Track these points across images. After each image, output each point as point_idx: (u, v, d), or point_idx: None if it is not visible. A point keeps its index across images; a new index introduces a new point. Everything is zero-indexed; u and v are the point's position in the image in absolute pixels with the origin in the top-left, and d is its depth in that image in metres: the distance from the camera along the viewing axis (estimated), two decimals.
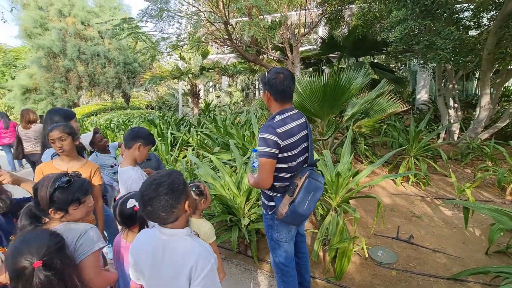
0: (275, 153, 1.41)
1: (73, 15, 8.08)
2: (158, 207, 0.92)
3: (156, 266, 0.97)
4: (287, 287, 1.69)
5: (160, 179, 0.94)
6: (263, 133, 1.41)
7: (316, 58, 8.95)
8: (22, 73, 8.14)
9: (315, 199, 1.48)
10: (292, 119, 1.49)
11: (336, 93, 3.72)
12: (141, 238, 1.05)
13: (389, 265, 2.44)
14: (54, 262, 0.94)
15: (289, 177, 1.51)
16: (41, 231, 1.03)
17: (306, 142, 1.56)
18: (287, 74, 1.47)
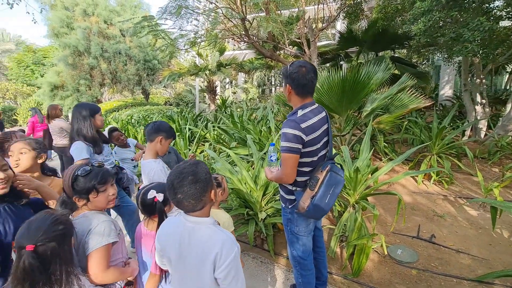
0: (299, 148, 1.41)
1: (97, 15, 8.41)
2: (188, 195, 0.96)
3: (183, 253, 1.01)
4: (305, 280, 1.70)
5: (189, 168, 0.98)
6: (286, 128, 1.41)
7: (334, 53, 8.76)
8: (50, 71, 8.60)
9: (336, 193, 1.47)
10: (314, 114, 1.48)
11: (355, 88, 3.64)
12: (167, 226, 1.09)
13: (409, 264, 2.38)
14: (45, 250, 0.92)
15: (310, 171, 1.51)
16: (45, 216, 1.00)
17: (327, 136, 1.56)
18: (310, 67, 1.46)
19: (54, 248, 0.94)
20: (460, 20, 3.97)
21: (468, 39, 3.70)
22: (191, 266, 1.00)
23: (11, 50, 28.04)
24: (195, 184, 0.96)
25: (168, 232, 1.06)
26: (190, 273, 1.01)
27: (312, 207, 1.42)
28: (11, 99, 19.12)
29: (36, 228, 0.94)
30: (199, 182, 0.97)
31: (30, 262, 0.90)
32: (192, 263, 1.00)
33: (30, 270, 0.90)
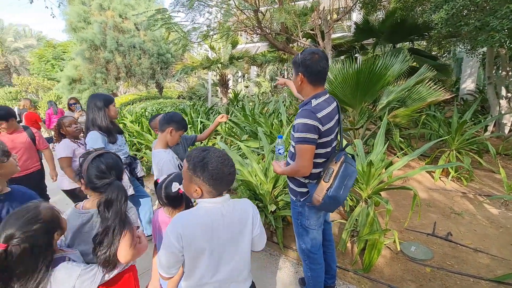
0: (315, 139, 1.37)
1: (112, 9, 8.55)
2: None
3: (215, 234, 1.01)
4: (314, 274, 1.68)
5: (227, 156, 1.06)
6: (302, 118, 1.37)
7: (349, 45, 8.51)
8: (69, 65, 8.87)
9: (350, 185, 1.44)
10: (328, 103, 1.44)
11: (370, 81, 3.52)
12: (193, 217, 1.03)
13: (423, 261, 2.31)
14: (17, 250, 0.88)
15: (323, 162, 1.47)
16: (22, 212, 0.94)
17: (338, 126, 1.51)
18: (322, 54, 1.41)
19: (26, 249, 0.89)
20: (486, 8, 3.73)
21: (495, 28, 3.47)
22: (230, 241, 1.05)
23: (32, 46, 29.13)
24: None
25: (197, 222, 1.01)
26: (229, 250, 1.05)
27: (327, 199, 1.38)
28: (33, 93, 19.93)
29: (10, 225, 0.89)
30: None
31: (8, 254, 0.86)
32: (230, 236, 1.05)
33: (18, 259, 0.87)
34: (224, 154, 1.04)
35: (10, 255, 0.87)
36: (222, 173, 0.99)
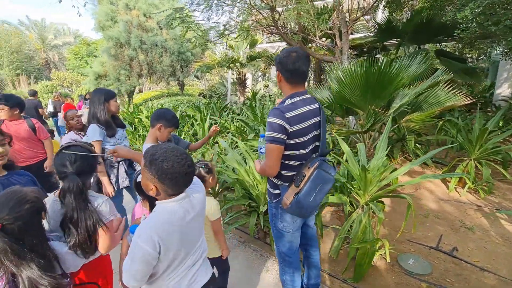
0: (282, 139, 1.34)
1: (137, 8, 8.93)
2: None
3: (184, 231, 1.03)
4: (289, 278, 1.64)
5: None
6: (270, 117, 1.34)
7: (370, 45, 8.19)
8: (96, 61, 9.43)
9: (324, 192, 1.38)
10: (305, 103, 1.39)
11: (381, 82, 3.36)
12: (160, 221, 1.00)
13: (419, 276, 2.17)
14: (13, 229, 0.94)
15: (297, 165, 1.42)
16: (10, 195, 0.99)
17: (318, 129, 1.45)
18: (301, 53, 1.37)
19: (21, 226, 0.96)
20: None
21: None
22: (198, 235, 1.13)
23: (70, 43, 31.20)
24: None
25: (169, 222, 1.00)
26: (195, 236, 1.11)
27: (294, 204, 1.35)
28: (67, 87, 21.38)
29: (1, 207, 0.95)
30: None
31: (2, 240, 0.92)
32: (198, 230, 1.12)
33: (2, 247, 0.92)
34: (183, 153, 1.02)
35: (10, 234, 0.94)
36: (177, 173, 0.97)
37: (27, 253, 0.98)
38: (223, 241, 1.72)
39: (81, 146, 1.34)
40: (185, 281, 1.07)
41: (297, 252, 1.65)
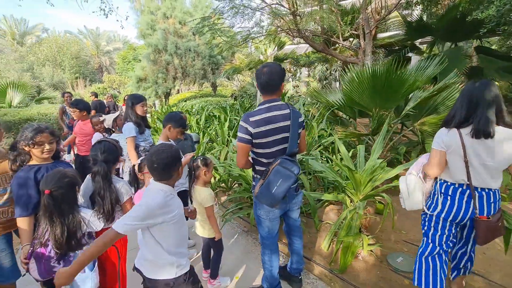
0: (245, 138, 1.63)
1: (174, 17, 9.74)
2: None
3: None
4: (266, 258, 1.90)
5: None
6: (240, 121, 1.65)
7: (400, 44, 7.87)
8: (138, 66, 10.53)
9: (285, 186, 1.57)
10: (272, 110, 1.65)
11: (390, 86, 3.39)
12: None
13: (405, 273, 2.27)
14: (57, 194, 1.39)
15: (268, 163, 1.69)
16: (57, 172, 1.46)
17: (287, 132, 1.68)
18: (272, 68, 1.64)
19: (63, 193, 1.43)
20: None
21: None
22: None
23: (119, 48, 34.42)
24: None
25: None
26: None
27: (259, 194, 1.62)
28: (116, 89, 23.75)
29: (51, 179, 1.42)
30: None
31: (48, 201, 1.39)
32: None
33: (49, 206, 1.40)
34: (165, 147, 1.35)
35: (56, 198, 1.41)
36: (150, 162, 1.33)
37: (64, 213, 1.43)
38: (215, 226, 2.03)
39: (109, 142, 1.78)
40: None
41: (275, 237, 1.90)
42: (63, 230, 1.44)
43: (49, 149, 1.71)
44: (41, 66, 25.53)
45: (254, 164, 1.79)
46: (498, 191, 1.64)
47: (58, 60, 26.74)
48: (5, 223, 1.71)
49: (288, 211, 1.95)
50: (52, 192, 1.40)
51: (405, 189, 1.81)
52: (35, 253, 1.49)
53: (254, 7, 5.97)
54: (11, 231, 1.77)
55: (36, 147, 1.65)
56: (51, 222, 1.43)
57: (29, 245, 1.51)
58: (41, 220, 1.46)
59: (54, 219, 1.43)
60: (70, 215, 1.47)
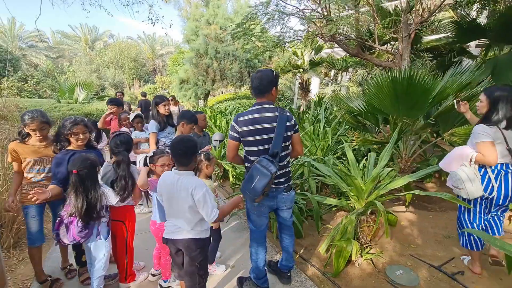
0: (233, 136, 1.82)
1: (216, 23, 10.35)
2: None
3: (170, 190, 1.64)
4: (253, 251, 2.04)
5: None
6: (232, 120, 1.83)
7: (449, 48, 7.20)
8: (181, 69, 11.43)
9: (262, 183, 1.68)
10: (260, 112, 1.79)
11: (414, 92, 3.24)
12: (164, 176, 1.73)
13: (401, 286, 2.19)
14: (82, 173, 1.75)
15: (253, 160, 1.81)
16: (82, 156, 1.81)
17: (272, 134, 1.80)
18: (263, 74, 1.79)
19: (87, 172, 1.79)
20: None
21: None
22: (180, 198, 1.61)
23: (171, 52, 37.32)
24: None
25: (164, 180, 1.70)
26: (178, 203, 1.63)
27: (242, 187, 1.78)
28: (166, 89, 25.88)
29: (77, 161, 1.77)
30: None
31: (75, 179, 1.75)
32: (180, 196, 1.60)
33: (75, 183, 1.76)
34: (185, 137, 1.67)
35: (81, 176, 1.77)
36: (174, 149, 1.62)
37: (87, 189, 1.78)
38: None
39: (125, 134, 2.13)
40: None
41: (262, 231, 2.03)
42: (83, 203, 1.77)
43: (83, 138, 2.10)
44: (106, 67, 29.04)
45: (245, 161, 1.96)
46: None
47: (120, 63, 30.00)
48: None
49: (278, 209, 2.07)
50: (79, 171, 1.75)
51: (467, 178, 2.04)
52: (65, 222, 1.85)
53: (287, 12, 6.09)
54: (44, 202, 2.14)
55: (73, 136, 2.05)
56: (76, 197, 1.78)
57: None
58: (70, 196, 1.81)
59: (78, 194, 1.78)
60: (92, 190, 1.81)
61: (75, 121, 2.06)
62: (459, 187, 2.08)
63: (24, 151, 2.05)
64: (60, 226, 1.85)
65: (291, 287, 2.22)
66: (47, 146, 2.13)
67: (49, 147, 2.15)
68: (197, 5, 11.16)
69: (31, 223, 2.09)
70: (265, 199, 1.91)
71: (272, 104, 1.87)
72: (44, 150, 2.11)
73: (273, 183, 1.85)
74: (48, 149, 2.14)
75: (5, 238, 2.65)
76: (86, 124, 2.15)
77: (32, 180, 2.09)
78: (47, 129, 2.11)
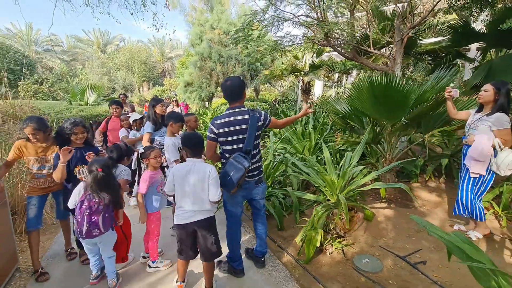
0: (211, 137, 2.07)
1: (219, 28, 10.72)
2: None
3: (186, 177, 1.93)
4: (228, 235, 2.31)
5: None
6: (210, 122, 2.10)
7: (446, 51, 7.29)
8: (186, 72, 11.88)
9: (237, 176, 1.96)
10: (232, 115, 2.05)
11: (391, 95, 3.43)
12: (180, 166, 2.01)
13: (365, 273, 2.41)
14: (105, 171, 2.02)
15: (229, 157, 2.08)
16: (104, 158, 2.16)
17: (245, 134, 2.06)
18: (234, 81, 2.06)
19: (109, 172, 2.08)
20: None
21: None
22: (196, 182, 1.92)
23: (180, 55, 38.07)
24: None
25: (178, 169, 1.99)
26: (194, 187, 1.93)
27: (219, 180, 2.03)
28: (173, 91, 26.53)
29: (101, 161, 2.05)
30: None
31: (101, 175, 2.01)
32: (196, 181, 1.92)
33: (100, 179, 2.01)
34: (195, 134, 2.02)
35: (104, 172, 2.05)
36: (188, 142, 1.95)
37: (109, 181, 2.09)
38: None
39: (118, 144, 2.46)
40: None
41: (237, 220, 2.29)
42: (108, 195, 2.08)
43: (81, 137, 2.42)
44: (117, 70, 29.93)
45: (221, 158, 2.22)
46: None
47: (130, 66, 30.84)
48: (42, 188, 2.43)
49: (251, 200, 2.33)
50: (103, 169, 2.05)
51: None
52: (88, 207, 2.07)
53: (284, 18, 6.35)
54: (45, 193, 2.47)
55: (73, 135, 2.36)
56: (100, 188, 2.04)
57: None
58: (89, 188, 2.06)
59: (103, 185, 2.05)
60: (111, 183, 2.12)
61: (75, 122, 2.38)
62: (510, 168, 2.44)
63: (28, 150, 2.33)
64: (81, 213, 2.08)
65: (264, 271, 2.46)
66: (48, 147, 2.42)
67: (50, 147, 2.43)
68: (201, 11, 11.59)
69: (30, 210, 2.39)
70: (240, 190, 2.17)
71: (244, 106, 2.14)
72: (44, 150, 2.40)
73: (246, 176, 2.12)
74: (48, 149, 2.42)
75: (18, 224, 3.00)
76: (84, 125, 2.47)
77: (36, 176, 2.40)
78: (40, 134, 2.31)
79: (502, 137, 2.46)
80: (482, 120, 2.65)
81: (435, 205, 3.64)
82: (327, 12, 6.29)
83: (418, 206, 3.73)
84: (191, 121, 3.24)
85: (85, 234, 2.03)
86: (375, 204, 3.69)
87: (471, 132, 2.75)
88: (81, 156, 2.40)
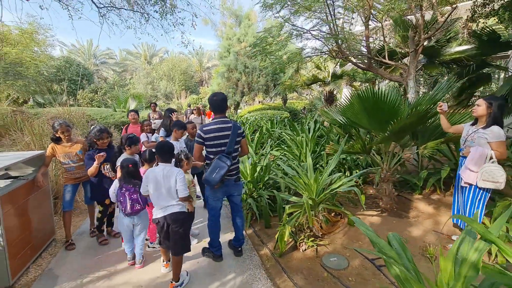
0: (199, 141, 2.53)
1: (246, 41, 11.45)
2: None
3: (158, 179, 2.41)
4: (209, 227, 2.74)
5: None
6: (198, 129, 2.57)
7: (471, 60, 6.93)
8: (214, 82, 12.81)
9: (221, 173, 2.39)
10: (217, 124, 2.50)
11: (382, 108, 3.58)
12: (153, 170, 2.51)
13: (329, 269, 2.64)
14: (133, 166, 2.60)
15: (213, 158, 2.52)
16: (131, 158, 2.75)
17: (227, 139, 2.50)
18: (219, 96, 2.54)
19: (135, 165, 2.69)
20: None
21: None
22: (166, 182, 2.40)
23: (216, 65, 40.16)
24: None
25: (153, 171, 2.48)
26: (166, 186, 2.38)
27: (205, 177, 2.48)
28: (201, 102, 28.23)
29: (130, 160, 2.65)
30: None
31: (132, 170, 2.61)
32: (167, 180, 2.40)
33: (130, 172, 2.62)
34: (166, 143, 2.47)
35: (134, 167, 2.68)
36: (161, 150, 2.42)
37: (136, 173, 2.69)
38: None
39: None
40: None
41: (218, 212, 2.71)
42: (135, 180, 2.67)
43: (106, 142, 3.09)
44: (160, 80, 32.66)
45: (206, 159, 2.68)
46: None
47: (171, 75, 33.39)
48: (74, 178, 3.12)
49: (230, 196, 2.75)
50: (133, 165, 2.66)
51: (503, 173, 2.52)
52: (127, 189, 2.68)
53: (299, 32, 6.71)
54: (77, 182, 3.16)
55: (100, 140, 3.04)
56: (131, 177, 2.65)
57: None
58: (123, 179, 2.65)
59: (133, 176, 2.66)
60: (138, 174, 2.72)
61: (101, 129, 3.06)
62: (500, 181, 2.51)
63: (57, 150, 3.04)
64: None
65: (240, 259, 2.84)
66: (72, 145, 3.11)
67: (73, 146, 3.10)
68: (230, 25, 12.49)
69: (66, 195, 3.09)
70: (221, 186, 2.61)
71: (226, 117, 2.59)
72: (69, 149, 3.08)
73: (227, 175, 2.56)
74: (72, 147, 3.09)
75: (59, 206, 3.80)
76: (108, 132, 3.14)
77: (67, 170, 3.10)
78: (70, 131, 3.04)
79: (497, 149, 2.54)
80: (478, 133, 2.72)
81: (428, 216, 3.66)
82: (336, 26, 6.52)
83: (410, 217, 3.77)
84: (189, 128, 3.84)
85: (130, 209, 2.58)
86: (370, 211, 3.82)
87: (468, 144, 2.83)
88: (106, 156, 3.05)
